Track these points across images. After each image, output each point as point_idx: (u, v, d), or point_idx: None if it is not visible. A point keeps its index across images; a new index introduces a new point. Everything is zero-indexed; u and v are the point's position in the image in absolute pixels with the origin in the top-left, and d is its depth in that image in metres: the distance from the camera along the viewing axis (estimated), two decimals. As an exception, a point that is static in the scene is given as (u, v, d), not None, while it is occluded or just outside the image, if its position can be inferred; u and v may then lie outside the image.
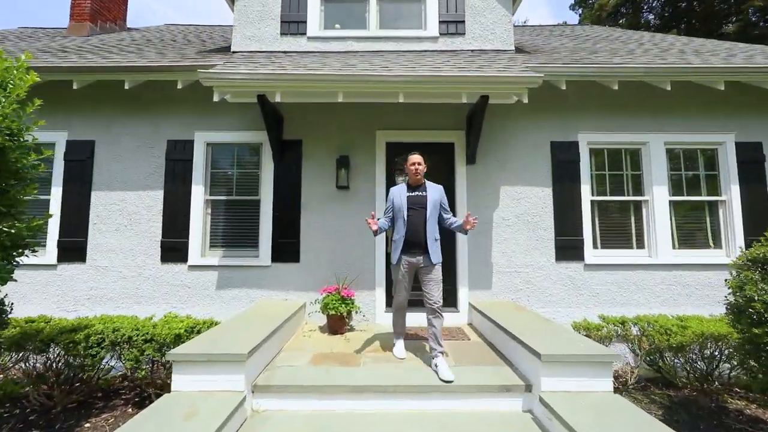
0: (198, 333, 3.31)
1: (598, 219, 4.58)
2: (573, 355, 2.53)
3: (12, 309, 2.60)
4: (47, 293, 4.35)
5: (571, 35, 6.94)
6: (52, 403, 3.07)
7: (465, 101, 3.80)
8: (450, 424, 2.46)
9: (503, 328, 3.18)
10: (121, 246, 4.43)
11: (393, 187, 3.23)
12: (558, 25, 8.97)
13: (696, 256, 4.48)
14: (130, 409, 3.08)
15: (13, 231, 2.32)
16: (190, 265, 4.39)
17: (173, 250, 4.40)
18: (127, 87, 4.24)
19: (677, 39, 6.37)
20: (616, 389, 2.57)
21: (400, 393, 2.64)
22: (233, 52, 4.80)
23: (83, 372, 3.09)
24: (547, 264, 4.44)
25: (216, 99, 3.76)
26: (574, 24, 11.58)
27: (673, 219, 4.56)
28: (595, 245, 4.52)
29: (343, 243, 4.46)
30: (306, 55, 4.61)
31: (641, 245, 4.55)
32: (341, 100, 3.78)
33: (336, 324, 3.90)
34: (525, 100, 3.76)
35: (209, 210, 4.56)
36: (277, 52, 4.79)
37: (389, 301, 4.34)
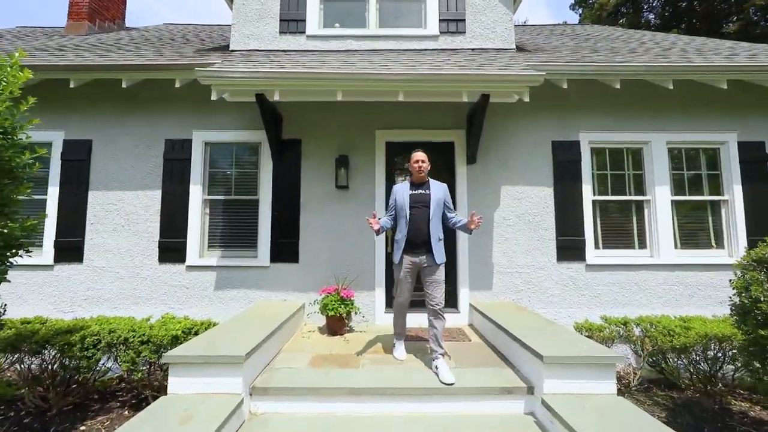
0: (196, 334, 3.27)
1: (599, 219, 4.54)
2: (576, 357, 2.50)
3: (5, 310, 2.57)
4: (44, 294, 4.31)
5: (572, 35, 6.90)
6: (47, 406, 3.03)
7: (466, 100, 3.77)
8: (451, 426, 2.43)
9: (504, 329, 3.15)
10: (119, 246, 4.39)
11: (395, 185, 3.17)
12: (558, 25, 8.93)
13: (698, 256, 4.44)
14: (126, 412, 3.04)
15: (6, 231, 2.28)
16: (188, 266, 4.35)
17: (171, 250, 4.36)
18: (125, 86, 4.21)
19: (679, 38, 6.33)
20: (618, 391, 2.53)
21: (400, 395, 2.61)
22: (231, 50, 4.76)
23: (79, 374, 3.05)
24: (549, 264, 4.40)
25: (214, 98, 3.72)
26: (574, 24, 11.55)
27: (675, 219, 4.52)
28: (597, 245, 4.49)
29: (343, 243, 4.42)
30: (305, 54, 4.57)
31: (643, 245, 4.51)
32: (340, 98, 3.74)
33: (335, 325, 3.86)
34: (526, 98, 3.73)
35: (207, 210, 4.52)
36: (276, 50, 4.75)
37: (389, 302, 4.30)
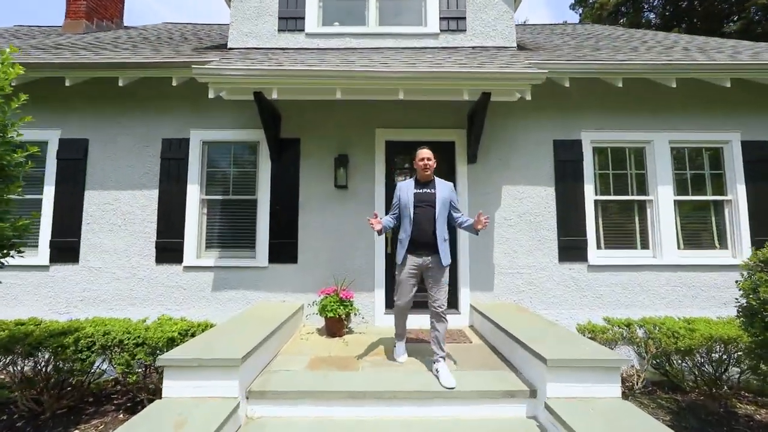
0: (192, 336, 3.22)
1: (601, 219, 4.49)
2: (580, 360, 2.44)
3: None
4: (39, 295, 4.25)
5: (573, 34, 6.85)
6: (40, 409, 2.98)
7: (466, 98, 3.72)
8: (452, 430, 2.38)
9: (506, 331, 3.09)
10: (115, 247, 4.33)
11: (400, 182, 3.07)
12: (559, 24, 8.86)
13: (701, 256, 4.39)
14: (121, 415, 2.98)
15: (-3, 231, 2.23)
16: (185, 266, 4.29)
17: (168, 250, 4.30)
18: (121, 84, 4.15)
19: (680, 37, 6.28)
20: (622, 394, 2.48)
21: (400, 399, 2.55)
22: (229, 48, 4.71)
23: (73, 377, 2.99)
24: (550, 265, 4.35)
25: (211, 96, 3.67)
26: (575, 23, 11.49)
27: (678, 219, 4.47)
28: (599, 246, 4.44)
29: (342, 243, 4.37)
30: (304, 52, 4.52)
31: (646, 246, 4.46)
32: (339, 97, 3.69)
33: (334, 326, 3.81)
34: (528, 97, 3.68)
35: (205, 210, 4.47)
36: (275, 48, 4.70)
37: (389, 303, 4.25)
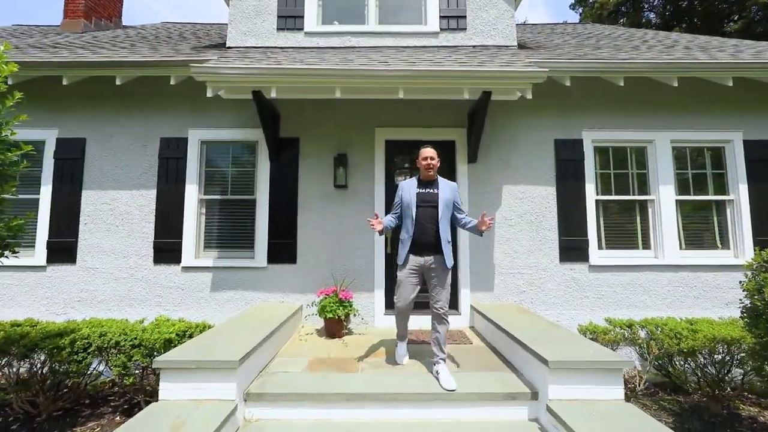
0: (190, 337, 3.18)
1: (602, 219, 4.46)
2: (582, 362, 2.41)
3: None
4: (36, 295, 4.21)
5: (573, 33, 6.82)
6: (36, 411, 2.94)
7: (467, 97, 3.68)
8: (452, 434, 2.35)
9: (507, 332, 3.06)
10: (113, 247, 4.30)
11: (402, 181, 3.00)
12: (559, 24, 8.83)
13: (703, 256, 4.37)
14: (118, 417, 2.95)
15: (-10, 231, 2.20)
16: (183, 267, 4.26)
17: (166, 251, 4.27)
18: (119, 83, 4.12)
19: (681, 36, 6.26)
20: (624, 396, 2.44)
21: (399, 401, 2.52)
22: (228, 47, 4.67)
23: (69, 378, 2.95)
24: (551, 265, 4.32)
25: (209, 94, 3.64)
26: (575, 23, 11.45)
27: (680, 219, 4.44)
28: (600, 246, 4.41)
29: (342, 243, 4.34)
30: (303, 51, 4.49)
31: (647, 246, 4.43)
32: (339, 95, 3.66)
33: (333, 327, 3.77)
34: (529, 95, 3.65)
35: (203, 210, 4.43)
36: (274, 47, 4.67)
37: (389, 304, 4.21)
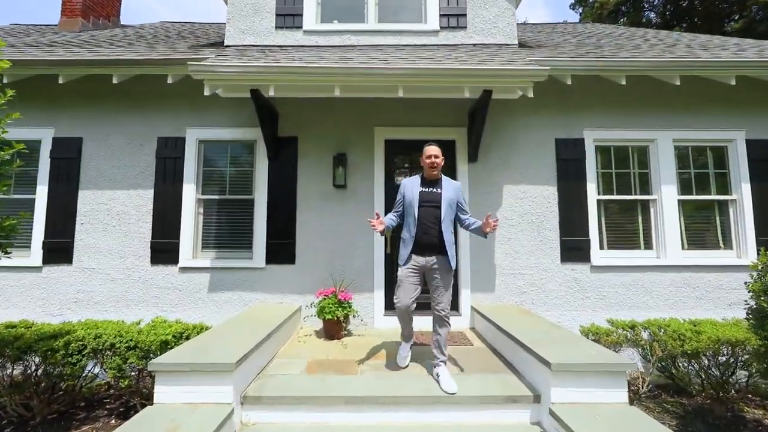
0: (187, 338, 3.14)
1: (604, 219, 4.42)
2: (585, 364, 2.37)
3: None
4: (32, 296, 4.17)
5: (574, 32, 6.78)
6: (30, 414, 2.89)
7: (467, 96, 3.64)
8: (453, 438, 2.31)
9: (509, 333, 3.02)
10: (110, 247, 4.25)
11: (405, 179, 2.91)
12: (560, 23, 8.78)
13: (706, 257, 4.33)
14: (113, 421, 2.91)
15: (-18, 231, 2.15)
16: (181, 267, 4.21)
17: (163, 251, 4.22)
18: (116, 81, 4.07)
19: (683, 35, 6.22)
20: (628, 398, 2.40)
21: (399, 404, 2.48)
22: (226, 46, 4.63)
23: (63, 381, 2.91)
24: (552, 265, 4.28)
25: (207, 93, 3.59)
26: (575, 22, 11.42)
27: (682, 219, 4.40)
28: (602, 246, 4.36)
29: (341, 244, 4.29)
30: (302, 49, 4.45)
31: (649, 246, 4.39)
32: (338, 94, 3.62)
33: (332, 329, 3.73)
34: (530, 94, 3.60)
35: (201, 210, 4.39)
36: (272, 46, 4.63)
37: (389, 304, 4.17)
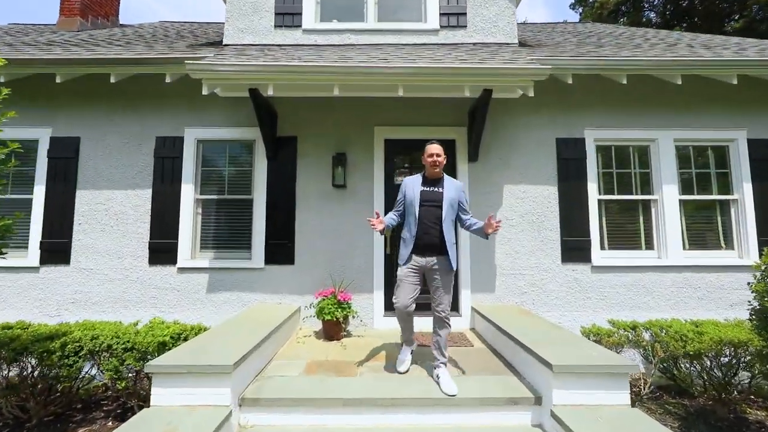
0: (185, 340, 3.11)
1: (605, 219, 4.40)
2: (587, 366, 2.34)
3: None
4: (29, 297, 4.14)
5: (574, 32, 6.75)
6: (26, 416, 2.87)
7: (467, 95, 3.62)
8: (453, 440, 2.29)
9: (509, 334, 2.99)
10: (107, 248, 4.22)
11: (406, 178, 2.86)
12: (560, 23, 8.75)
13: (707, 257, 4.30)
14: (110, 423, 2.88)
15: (-24, 231, 2.12)
16: (179, 268, 4.19)
17: (162, 251, 4.19)
18: (113, 81, 4.04)
19: (683, 35, 6.19)
20: (630, 400, 2.37)
21: (398, 406, 2.45)
22: (225, 45, 4.59)
23: (59, 383, 2.88)
24: (553, 266, 4.25)
25: (205, 92, 3.57)
26: (575, 22, 11.41)
27: (683, 219, 4.37)
28: (603, 246, 4.34)
29: (340, 244, 4.26)
30: (301, 49, 4.42)
31: (650, 246, 4.37)
32: (337, 93, 3.60)
33: (332, 329, 3.71)
34: (531, 93, 3.58)
35: (200, 210, 4.36)
36: (271, 45, 4.59)
37: (388, 305, 4.14)
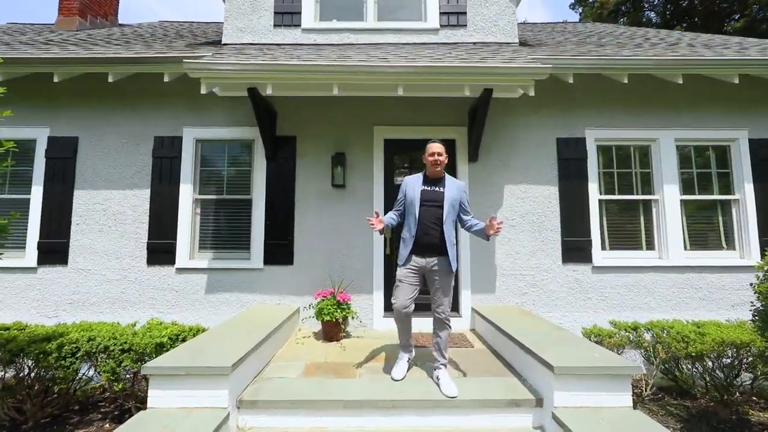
0: (183, 341, 3.08)
1: (606, 219, 4.38)
2: (589, 368, 2.32)
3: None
4: (26, 298, 4.11)
5: (575, 31, 6.73)
6: (23, 418, 2.84)
7: (468, 94, 3.60)
8: (454, 443, 2.26)
9: (510, 335, 2.97)
10: (105, 248, 4.20)
11: (407, 177, 2.81)
12: (560, 23, 8.72)
13: (708, 257, 4.28)
14: (107, 425, 2.85)
15: (-29, 232, 2.10)
16: (177, 268, 4.16)
17: (160, 252, 4.17)
18: (111, 80, 4.01)
19: (684, 34, 6.17)
20: (632, 402, 2.35)
21: (398, 408, 2.43)
22: (224, 44, 4.57)
23: (56, 384, 2.85)
24: (554, 266, 4.23)
25: (204, 91, 3.55)
26: (575, 21, 11.39)
27: (685, 219, 4.35)
28: (604, 246, 4.32)
29: (340, 244, 4.24)
30: (300, 48, 4.40)
31: (651, 246, 4.35)
32: (336, 93, 3.57)
33: (331, 330, 3.68)
34: (531, 92, 3.56)
35: (198, 210, 4.34)
36: (270, 44, 4.57)
37: (388, 306, 4.11)
